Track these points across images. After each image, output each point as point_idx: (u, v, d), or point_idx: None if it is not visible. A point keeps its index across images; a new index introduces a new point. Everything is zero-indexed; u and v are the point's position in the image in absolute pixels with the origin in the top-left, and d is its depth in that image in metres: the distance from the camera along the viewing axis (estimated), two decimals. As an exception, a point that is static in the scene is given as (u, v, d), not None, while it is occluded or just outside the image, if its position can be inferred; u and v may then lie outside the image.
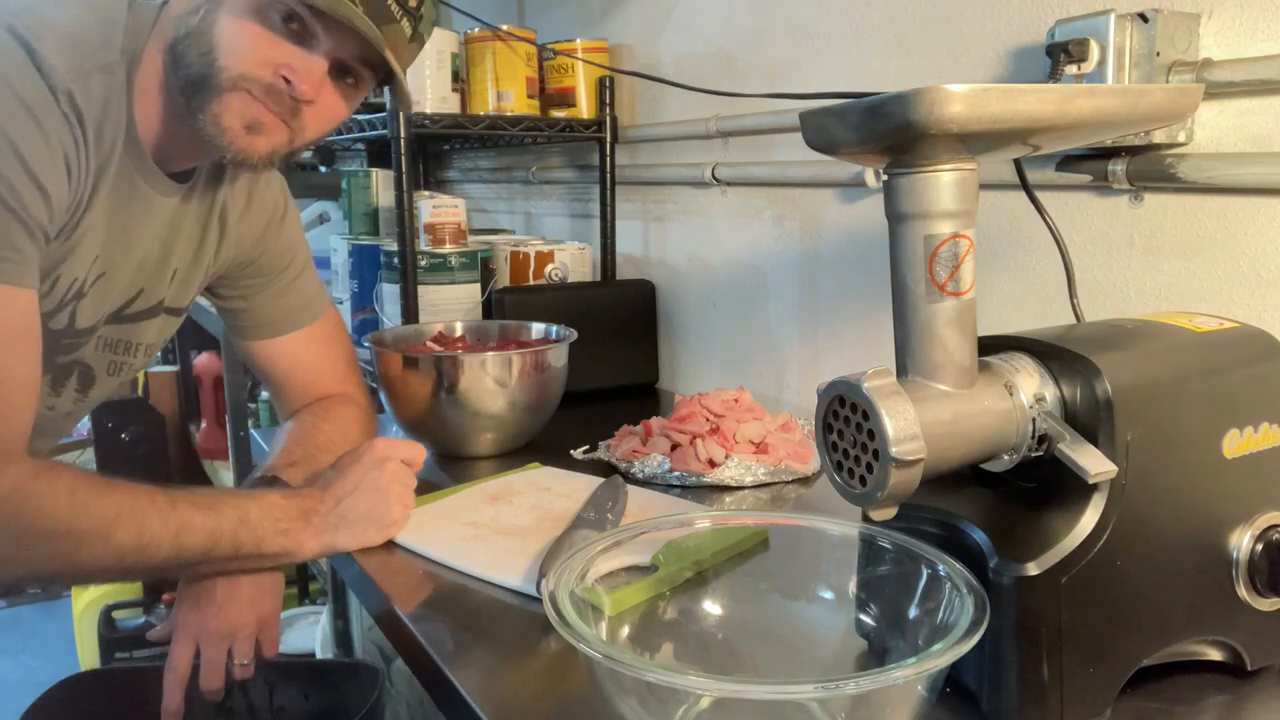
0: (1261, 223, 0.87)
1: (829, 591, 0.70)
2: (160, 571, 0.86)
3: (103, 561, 0.80)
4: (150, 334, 1.02)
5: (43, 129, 0.78)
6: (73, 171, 0.81)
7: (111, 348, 0.98)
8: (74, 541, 0.79)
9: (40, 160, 0.78)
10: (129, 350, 1.00)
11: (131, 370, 1.03)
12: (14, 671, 2.60)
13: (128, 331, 0.99)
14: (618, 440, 1.19)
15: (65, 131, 0.80)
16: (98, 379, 0.99)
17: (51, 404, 0.96)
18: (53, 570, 0.82)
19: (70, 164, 0.81)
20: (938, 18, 1.13)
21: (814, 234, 1.36)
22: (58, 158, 0.79)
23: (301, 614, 2.28)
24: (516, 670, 0.72)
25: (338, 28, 0.83)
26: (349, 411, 1.10)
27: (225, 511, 0.86)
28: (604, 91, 1.66)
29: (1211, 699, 0.65)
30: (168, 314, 1.02)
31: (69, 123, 0.80)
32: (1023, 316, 1.07)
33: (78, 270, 0.88)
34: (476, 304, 1.57)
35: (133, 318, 0.98)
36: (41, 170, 0.78)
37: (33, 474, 0.79)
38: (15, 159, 0.77)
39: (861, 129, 0.57)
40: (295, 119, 0.86)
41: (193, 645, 0.94)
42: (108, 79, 0.83)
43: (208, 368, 2.95)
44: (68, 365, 0.95)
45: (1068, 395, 0.62)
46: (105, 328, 0.95)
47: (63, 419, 1.01)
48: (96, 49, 0.82)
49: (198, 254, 1.01)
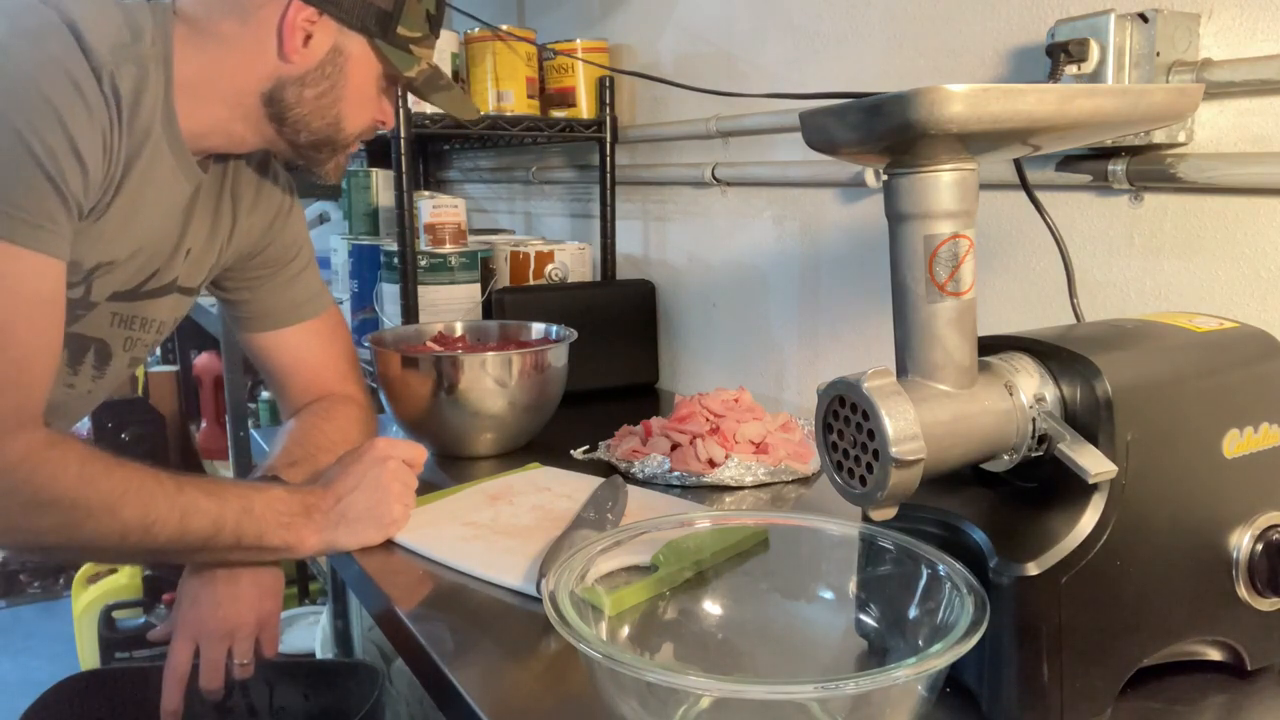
0: (1261, 223, 0.87)
1: (829, 591, 0.70)
2: (162, 554, 0.86)
3: (107, 538, 0.82)
4: (164, 311, 1.03)
5: (88, 105, 0.80)
6: (109, 150, 0.84)
7: (126, 323, 1.00)
8: (81, 513, 0.80)
9: (83, 136, 0.80)
10: (144, 326, 1.02)
11: (145, 347, 1.05)
12: (14, 671, 2.60)
13: (142, 308, 1.00)
14: (618, 440, 1.19)
15: (104, 111, 0.82)
16: (114, 354, 1.01)
17: (71, 382, 0.98)
18: (57, 542, 0.83)
19: (107, 143, 0.83)
20: (938, 18, 1.13)
21: (814, 234, 1.36)
22: (97, 135, 0.82)
23: (301, 614, 2.28)
24: (516, 670, 0.72)
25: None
26: (349, 411, 1.11)
27: (230, 500, 0.87)
28: (604, 91, 1.66)
29: (1211, 699, 0.65)
30: (180, 293, 1.03)
31: (108, 104, 0.82)
32: (1023, 316, 1.07)
33: (114, 252, 0.91)
34: (476, 304, 1.57)
35: (148, 295, 1.00)
36: (84, 145, 0.80)
37: (46, 443, 0.80)
38: (63, 133, 0.79)
39: (861, 129, 0.57)
40: None
41: (192, 644, 0.95)
42: (139, 71, 0.85)
43: (208, 368, 2.96)
44: (82, 340, 0.96)
45: (1068, 395, 0.62)
46: (119, 304, 0.97)
47: (82, 400, 1.02)
48: (129, 42, 0.85)
49: (211, 235, 1.03)
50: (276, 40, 0.89)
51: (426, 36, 0.96)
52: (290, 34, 0.89)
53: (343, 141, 0.98)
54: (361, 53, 0.93)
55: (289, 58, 0.90)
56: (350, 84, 0.94)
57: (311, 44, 0.90)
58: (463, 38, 1.65)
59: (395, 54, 0.94)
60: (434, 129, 1.54)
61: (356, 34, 0.92)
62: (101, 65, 0.81)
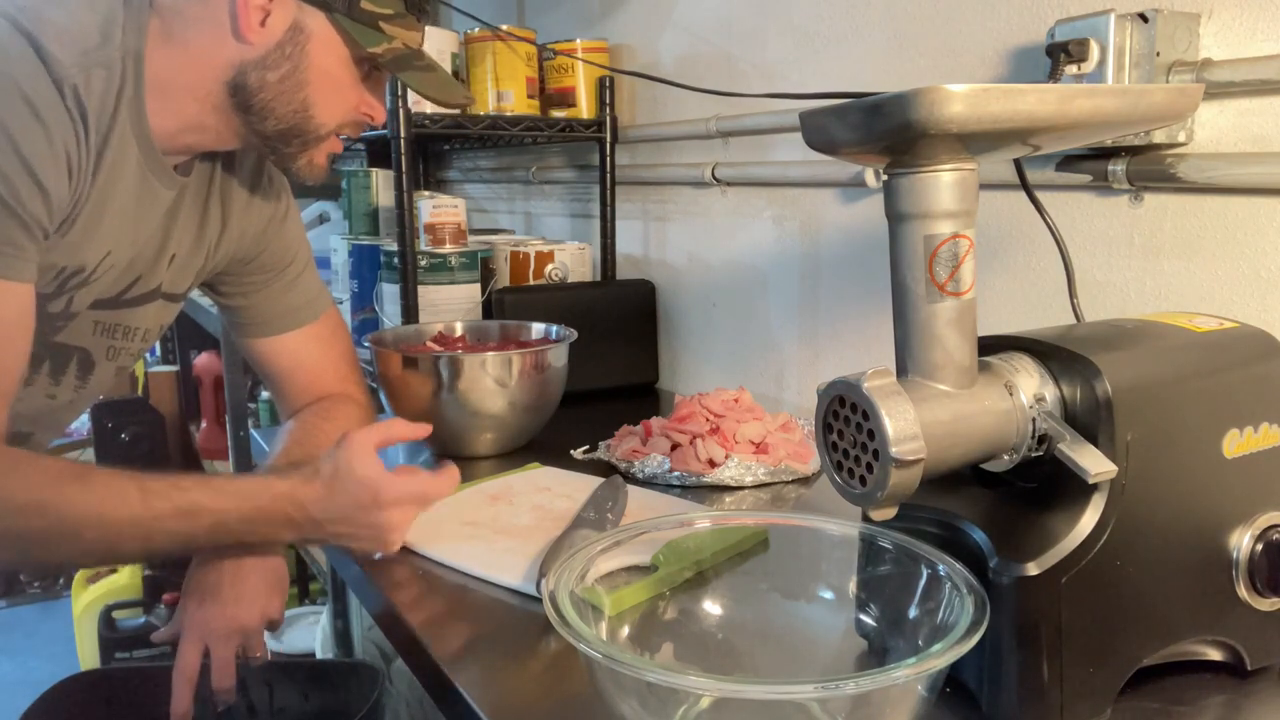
0: (1261, 223, 0.87)
1: (829, 591, 0.70)
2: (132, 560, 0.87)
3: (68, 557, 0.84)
4: (148, 319, 1.01)
5: (46, 127, 0.78)
6: (74, 169, 0.82)
7: (109, 332, 0.98)
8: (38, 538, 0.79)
9: (41, 159, 0.78)
10: (127, 335, 1.00)
11: (130, 356, 1.03)
12: (14, 671, 2.60)
13: (124, 316, 0.98)
14: (618, 440, 1.19)
15: (68, 128, 0.80)
16: (97, 364, 0.99)
17: (53, 393, 0.96)
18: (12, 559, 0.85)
19: (72, 161, 0.81)
20: (938, 18, 1.13)
21: (814, 234, 1.36)
22: (59, 156, 0.80)
23: (301, 614, 2.28)
24: (516, 670, 0.72)
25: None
26: (350, 411, 1.10)
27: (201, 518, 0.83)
28: (604, 91, 1.66)
29: (1211, 699, 0.65)
30: (165, 299, 1.02)
31: (72, 119, 0.80)
32: (1023, 316, 1.07)
33: (85, 259, 0.88)
34: (476, 304, 1.57)
35: (129, 303, 0.98)
36: (42, 169, 0.78)
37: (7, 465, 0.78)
38: (16, 158, 0.77)
39: (861, 129, 0.57)
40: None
41: (201, 645, 0.93)
42: (109, 74, 0.83)
43: (208, 368, 2.96)
44: (64, 350, 0.95)
45: (1068, 395, 0.62)
46: (101, 312, 0.95)
47: (64, 409, 1.00)
48: (98, 45, 0.83)
49: (197, 240, 1.01)
50: (230, 20, 0.85)
51: (402, 15, 0.90)
52: (244, 11, 0.84)
53: (313, 132, 0.91)
54: (323, 30, 0.88)
55: (246, 37, 0.85)
56: (314, 65, 0.88)
57: (269, 22, 0.86)
58: (463, 38, 1.65)
59: (357, 29, 0.88)
60: (434, 129, 1.54)
61: (316, 9, 0.87)
62: (64, 77, 0.79)
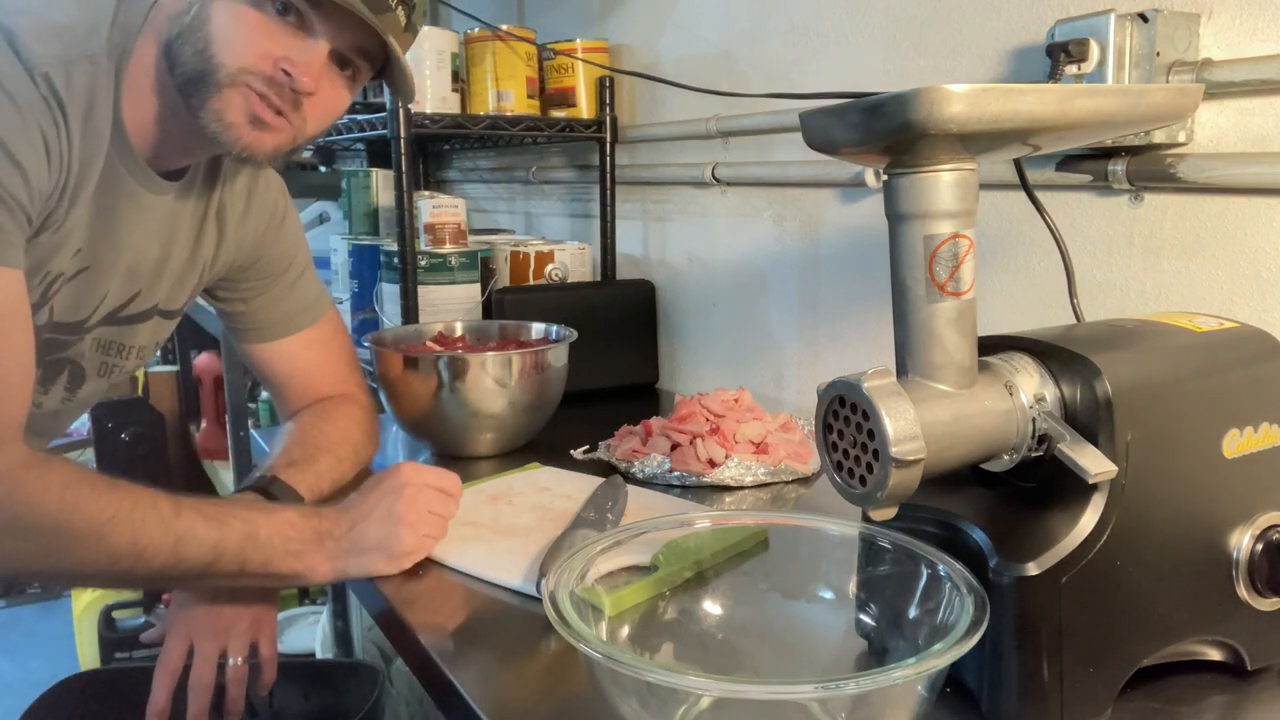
0: (1261, 223, 0.87)
1: (829, 591, 0.70)
2: (159, 579, 0.83)
3: (95, 564, 0.77)
4: (143, 336, 1.01)
5: (17, 105, 0.77)
6: (52, 153, 0.80)
7: (104, 349, 0.98)
8: (64, 540, 0.76)
9: (14, 136, 0.76)
10: (121, 352, 0.99)
11: (122, 373, 1.02)
12: (14, 671, 2.60)
13: (122, 333, 0.98)
14: (618, 440, 1.19)
15: (43, 112, 0.78)
16: (87, 379, 0.98)
17: (39, 401, 0.94)
18: (41, 568, 0.79)
19: (50, 145, 0.79)
20: (938, 18, 1.13)
21: (814, 234, 1.36)
22: (34, 135, 0.78)
23: (301, 614, 2.28)
24: (516, 670, 0.72)
25: (335, 17, 0.83)
26: (350, 411, 1.10)
27: (232, 525, 0.82)
28: (604, 91, 1.66)
29: (1211, 699, 0.65)
30: (161, 316, 1.01)
31: (48, 105, 0.79)
32: (1023, 316, 1.07)
33: (60, 264, 0.86)
34: (476, 304, 1.57)
35: (128, 319, 0.97)
36: (15, 146, 0.76)
37: (25, 463, 0.76)
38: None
39: (861, 129, 0.57)
40: (296, 112, 0.85)
41: (186, 642, 0.93)
42: (92, 70, 0.82)
43: (208, 368, 2.96)
44: (58, 363, 0.93)
45: (1068, 395, 0.62)
46: (102, 328, 0.95)
47: (48, 418, 0.98)
48: (81, 40, 0.82)
49: (193, 255, 1.00)
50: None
51: None
52: None
53: (213, 73, 0.82)
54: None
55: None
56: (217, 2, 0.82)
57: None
58: (463, 38, 1.65)
59: None
60: (434, 129, 1.54)
61: None
62: (35, 65, 0.77)
